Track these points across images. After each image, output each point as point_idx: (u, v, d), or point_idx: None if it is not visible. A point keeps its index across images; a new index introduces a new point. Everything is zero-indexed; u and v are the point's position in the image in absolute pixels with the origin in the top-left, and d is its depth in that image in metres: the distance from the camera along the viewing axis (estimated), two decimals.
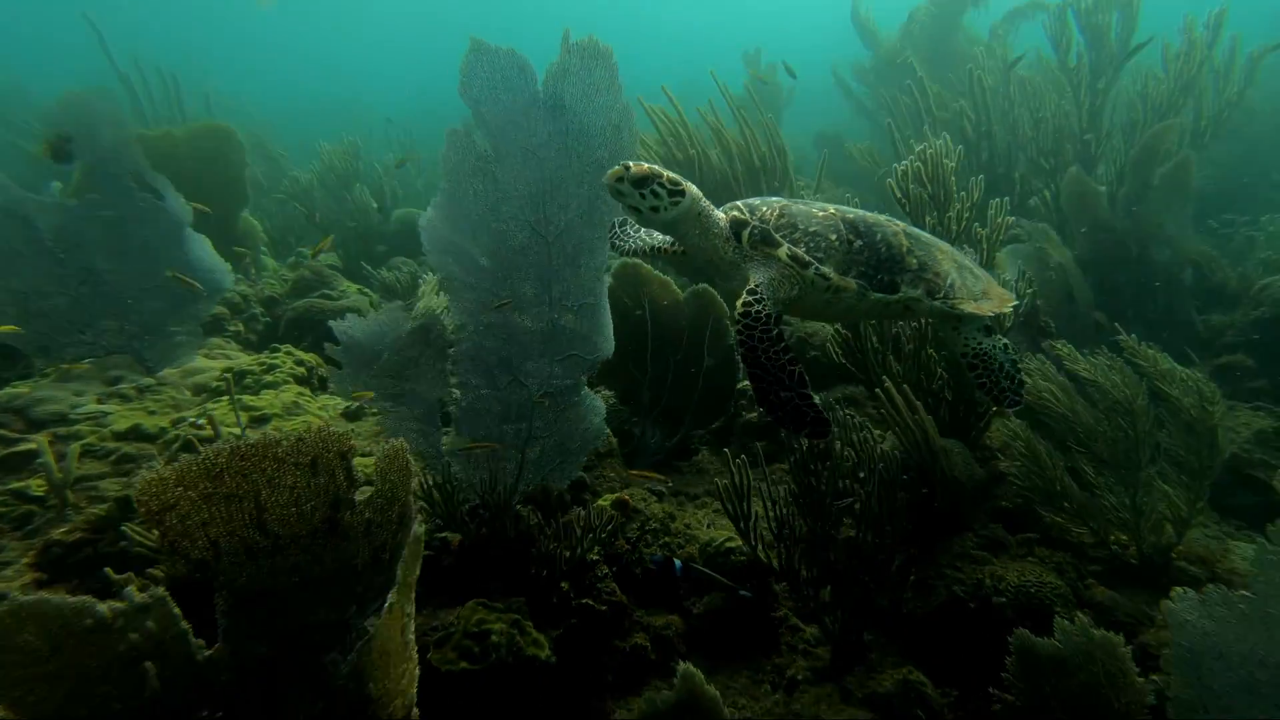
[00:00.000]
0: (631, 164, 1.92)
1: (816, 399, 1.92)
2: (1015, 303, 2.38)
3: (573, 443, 2.53)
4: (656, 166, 1.95)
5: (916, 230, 2.39)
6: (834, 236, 2.15)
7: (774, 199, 2.27)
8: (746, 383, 4.39)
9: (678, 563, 2.42)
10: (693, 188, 2.01)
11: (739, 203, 2.23)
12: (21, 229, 3.44)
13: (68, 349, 3.52)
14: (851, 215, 2.27)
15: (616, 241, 2.62)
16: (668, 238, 2.42)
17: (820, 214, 2.21)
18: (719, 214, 2.15)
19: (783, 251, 2.08)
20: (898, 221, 2.36)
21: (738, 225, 2.13)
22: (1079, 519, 2.52)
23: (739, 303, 2.00)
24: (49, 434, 2.90)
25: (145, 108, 8.81)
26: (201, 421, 2.61)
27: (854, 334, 2.97)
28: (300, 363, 3.64)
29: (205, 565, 1.23)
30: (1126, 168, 5.49)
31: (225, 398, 2.98)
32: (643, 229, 2.60)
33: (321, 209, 7.35)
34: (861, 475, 2.30)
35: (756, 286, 2.02)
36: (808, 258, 2.07)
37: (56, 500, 2.52)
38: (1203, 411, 2.45)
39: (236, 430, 2.68)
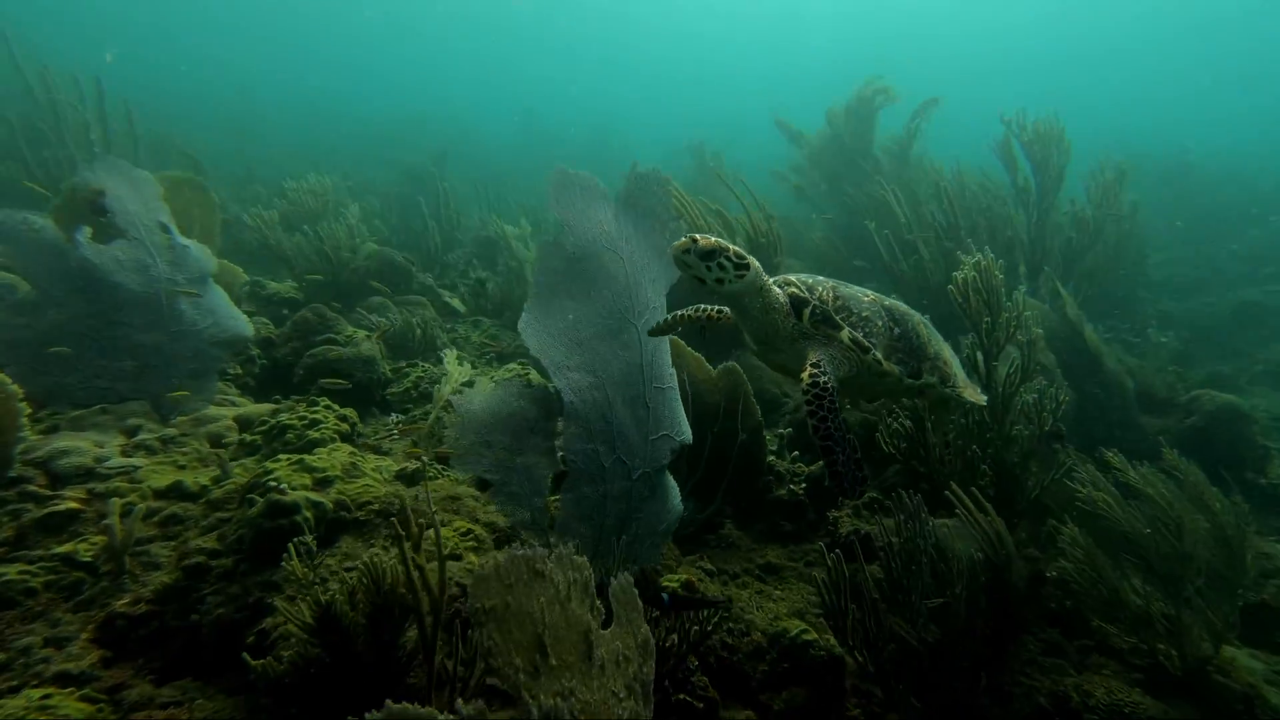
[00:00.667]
0: (699, 236, 1.99)
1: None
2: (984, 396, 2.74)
3: (660, 524, 2.56)
4: (724, 240, 2.03)
5: (925, 319, 2.62)
6: (880, 323, 2.31)
7: (823, 278, 2.40)
8: (773, 458, 4.51)
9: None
10: (755, 262, 2.08)
11: (793, 278, 2.33)
12: (57, 272, 3.30)
13: (78, 393, 3.34)
14: (888, 303, 2.47)
15: None
16: (704, 306, 2.51)
17: (866, 300, 2.37)
18: (777, 289, 2.23)
19: (845, 335, 2.20)
20: (914, 311, 2.58)
21: (798, 303, 2.22)
22: (1131, 629, 2.68)
23: (805, 375, 2.09)
24: (84, 489, 2.72)
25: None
26: (284, 486, 2.50)
27: (917, 427, 3.12)
28: (343, 418, 3.53)
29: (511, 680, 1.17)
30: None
31: (283, 458, 2.85)
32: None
33: (289, 246, 7.03)
34: (941, 572, 2.40)
35: (819, 362, 2.12)
36: (867, 343, 2.22)
37: (111, 566, 2.34)
38: (1238, 530, 2.68)
39: (310, 494, 2.57)
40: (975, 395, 2.63)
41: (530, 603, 1.25)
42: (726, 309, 2.40)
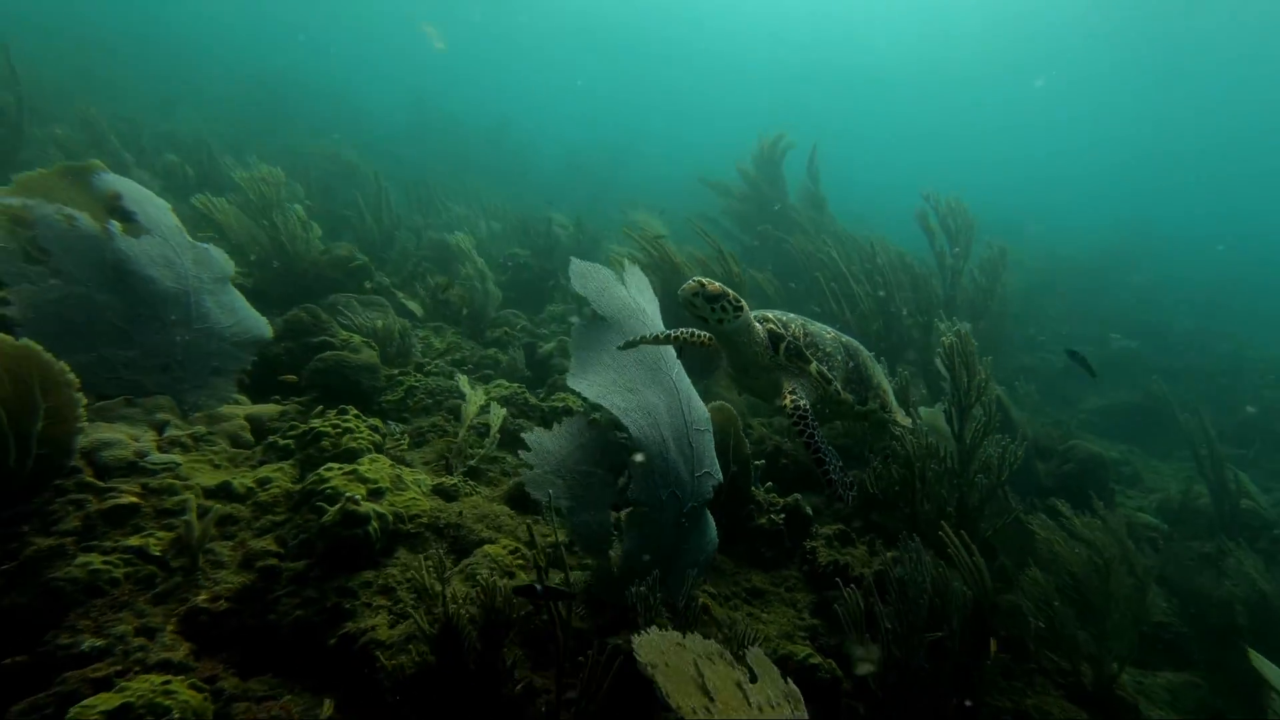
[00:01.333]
0: (705, 281, 2.33)
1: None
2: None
3: (702, 555, 2.89)
4: (725, 286, 2.38)
5: (870, 354, 3.17)
6: (839, 358, 2.77)
7: (794, 316, 2.84)
8: (754, 488, 4.93)
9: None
10: (745, 304, 2.46)
11: (770, 315, 2.72)
12: (92, 263, 3.30)
13: (105, 384, 3.33)
14: (845, 340, 2.95)
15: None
16: (696, 331, 2.84)
17: (829, 336, 2.83)
18: (759, 325, 2.61)
19: (814, 368, 2.63)
20: (863, 347, 3.11)
21: (775, 338, 2.61)
22: (1065, 653, 3.25)
23: (787, 401, 2.50)
24: (138, 483, 2.75)
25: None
26: (356, 497, 2.64)
27: (907, 473, 3.62)
28: (374, 429, 3.65)
29: None
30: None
31: (335, 467, 2.98)
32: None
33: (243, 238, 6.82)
34: (936, 606, 2.85)
35: (794, 389, 2.54)
36: (830, 376, 2.67)
37: (183, 562, 2.42)
38: (1145, 573, 3.32)
39: (375, 507, 2.72)
40: (904, 419, 3.22)
41: (684, 662, 1.60)
42: (711, 334, 2.73)
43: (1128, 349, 12.08)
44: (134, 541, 2.42)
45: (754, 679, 1.71)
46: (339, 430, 3.50)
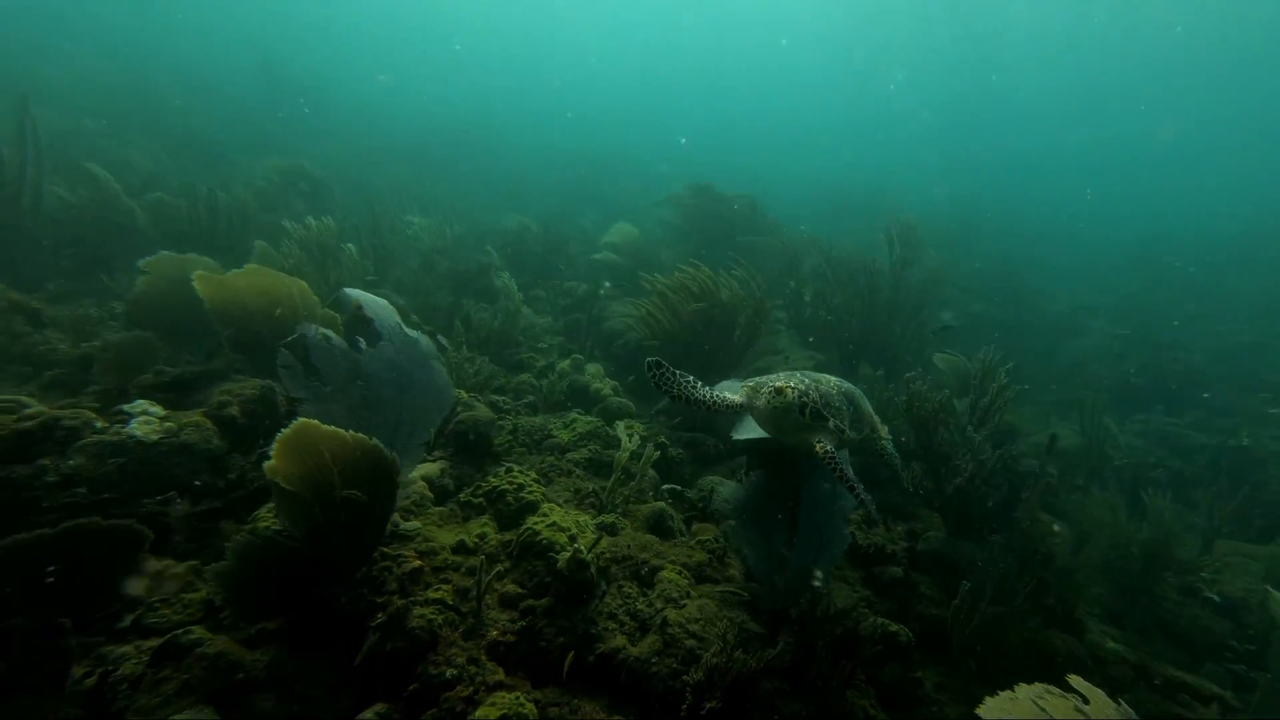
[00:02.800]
0: (797, 395, 3.29)
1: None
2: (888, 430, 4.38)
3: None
4: (800, 393, 3.31)
5: (860, 390, 4.13)
6: (845, 408, 3.65)
7: (806, 378, 3.58)
8: None
9: None
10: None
11: (790, 384, 3.38)
12: (343, 371, 4.15)
13: None
14: (845, 387, 3.82)
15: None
16: (728, 402, 3.55)
17: (835, 391, 3.64)
18: (791, 398, 3.32)
19: (831, 424, 3.47)
20: (854, 387, 4.06)
21: (801, 406, 3.33)
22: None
23: (819, 451, 3.32)
24: (411, 548, 3.68)
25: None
26: (581, 547, 3.60)
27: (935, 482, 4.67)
28: (538, 481, 4.59)
29: None
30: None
31: (536, 520, 3.92)
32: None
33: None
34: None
35: (821, 440, 3.38)
36: (845, 428, 3.52)
37: (471, 607, 3.38)
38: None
39: (584, 550, 3.69)
40: (884, 430, 4.25)
41: None
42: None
43: (973, 313, 13.49)
44: (434, 595, 3.37)
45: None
46: (515, 486, 4.44)
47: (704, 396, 3.48)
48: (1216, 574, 5.65)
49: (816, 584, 3.77)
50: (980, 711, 2.19)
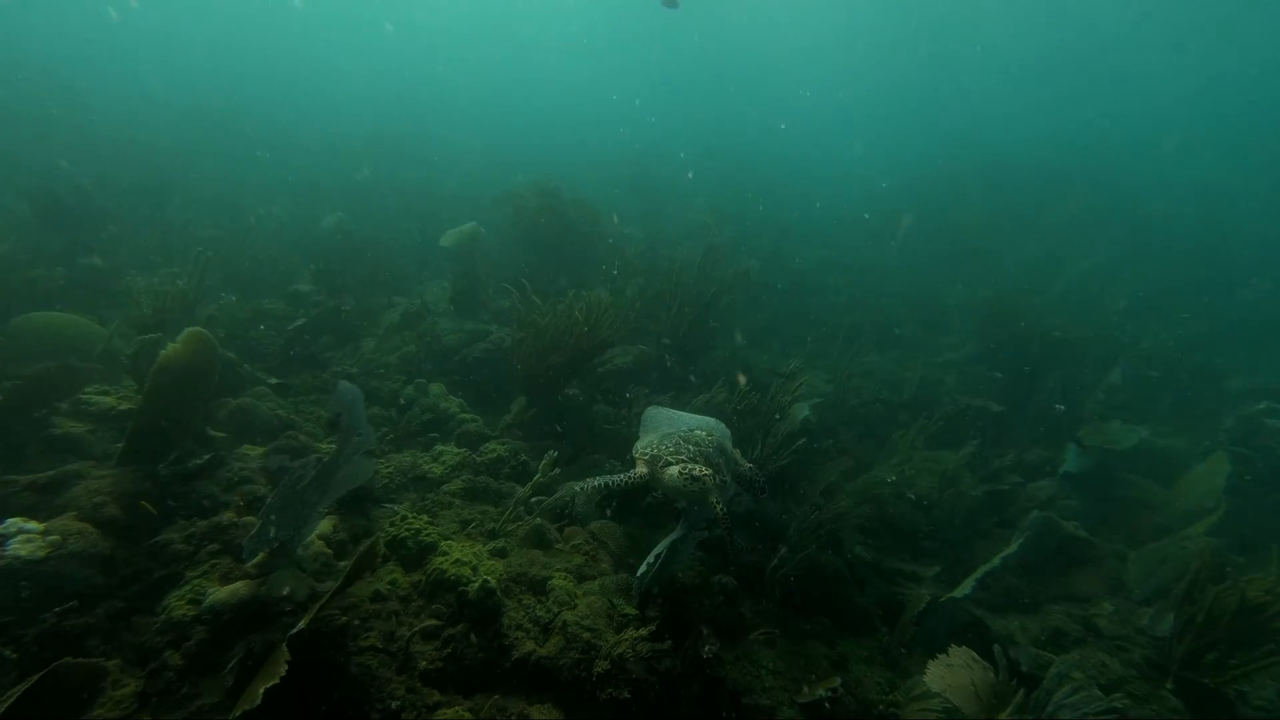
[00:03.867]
0: (707, 479, 4.28)
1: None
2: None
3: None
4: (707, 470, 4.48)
5: (724, 428, 5.60)
6: (718, 458, 4.73)
7: (682, 439, 4.45)
8: None
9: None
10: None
11: (675, 459, 4.24)
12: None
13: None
14: (714, 440, 4.80)
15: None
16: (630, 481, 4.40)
17: (707, 443, 4.54)
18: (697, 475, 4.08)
19: (715, 481, 4.12)
20: (719, 425, 5.54)
21: (691, 477, 4.10)
22: None
23: (719, 509, 4.29)
24: (335, 606, 4.23)
25: None
26: (490, 580, 4.42)
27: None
28: (429, 521, 5.25)
29: None
30: None
31: (439, 558, 4.65)
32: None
33: None
34: None
35: (716, 499, 4.37)
36: (726, 479, 4.55)
37: (400, 645, 4.09)
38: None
39: (487, 578, 4.53)
40: (743, 460, 5.40)
41: None
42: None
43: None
44: (364, 643, 4.02)
45: None
46: (412, 531, 5.07)
47: (622, 484, 4.36)
48: (912, 479, 8.08)
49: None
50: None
